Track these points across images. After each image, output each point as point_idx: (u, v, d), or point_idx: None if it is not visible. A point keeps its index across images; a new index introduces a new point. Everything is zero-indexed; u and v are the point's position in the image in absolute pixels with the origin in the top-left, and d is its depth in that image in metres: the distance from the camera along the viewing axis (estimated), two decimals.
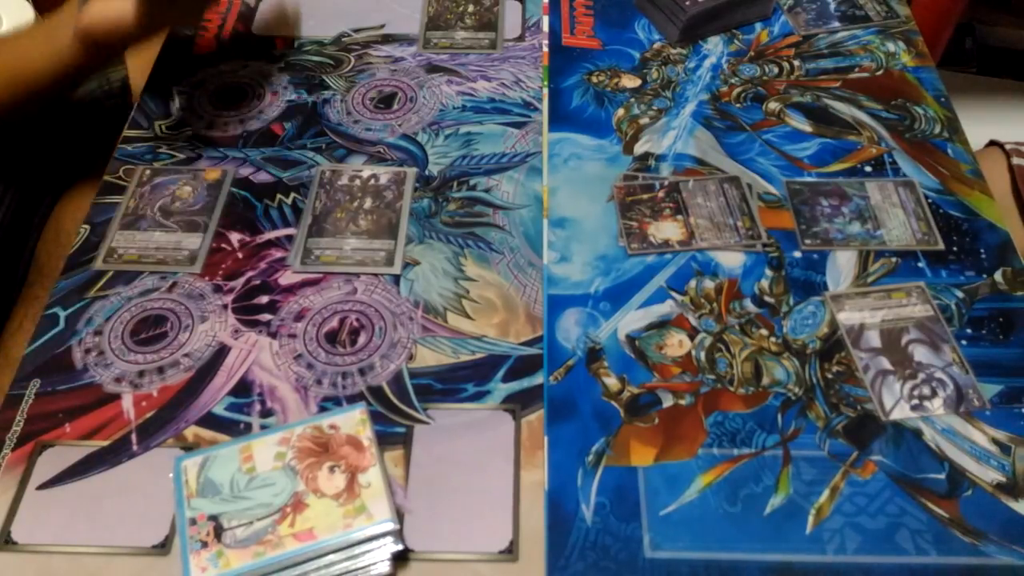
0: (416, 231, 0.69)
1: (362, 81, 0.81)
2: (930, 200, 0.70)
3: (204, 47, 0.85)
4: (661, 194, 0.71)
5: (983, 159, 0.83)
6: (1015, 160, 0.82)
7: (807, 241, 0.68)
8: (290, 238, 0.68)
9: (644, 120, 0.77)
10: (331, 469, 0.52)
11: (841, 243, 0.67)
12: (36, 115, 0.80)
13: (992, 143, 0.86)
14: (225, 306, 0.64)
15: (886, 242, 0.67)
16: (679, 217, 0.69)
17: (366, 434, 0.54)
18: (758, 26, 0.87)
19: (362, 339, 0.62)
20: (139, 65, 0.94)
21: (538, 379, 0.60)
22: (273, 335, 0.62)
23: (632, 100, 0.79)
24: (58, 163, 0.92)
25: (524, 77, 0.82)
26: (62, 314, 0.63)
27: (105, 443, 0.57)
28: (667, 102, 0.79)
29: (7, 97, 0.73)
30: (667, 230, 0.68)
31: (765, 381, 0.60)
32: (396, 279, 0.66)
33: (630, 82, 0.81)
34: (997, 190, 0.75)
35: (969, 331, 0.62)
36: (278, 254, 0.67)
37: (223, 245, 0.68)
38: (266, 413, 0.58)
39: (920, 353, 0.61)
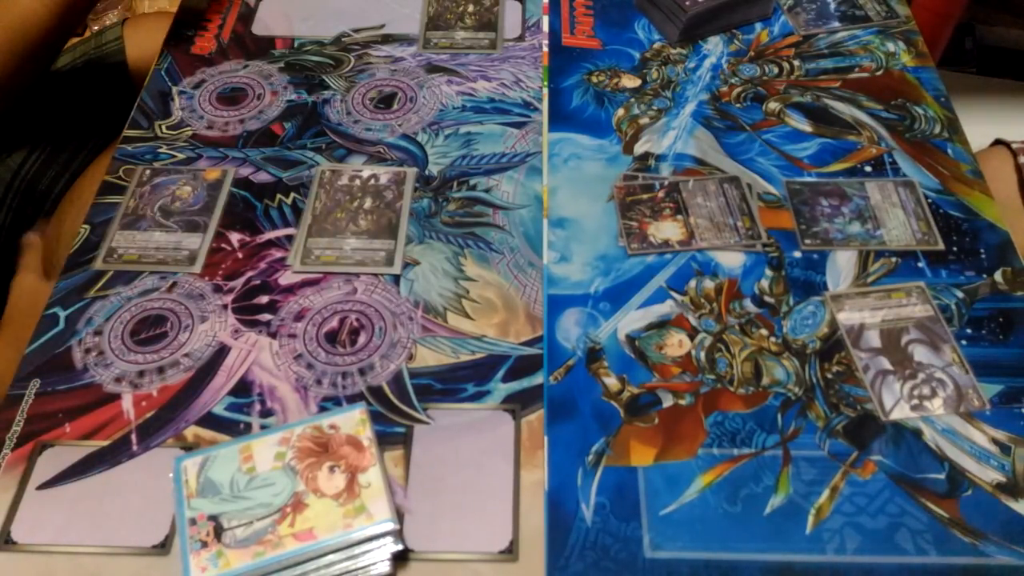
0: (416, 231, 0.69)
1: (362, 81, 0.81)
2: (930, 200, 0.70)
3: (204, 47, 0.85)
4: (661, 194, 0.71)
5: (989, 158, 0.83)
6: (1022, 159, 0.82)
7: (807, 241, 0.68)
8: (290, 238, 0.68)
9: (644, 120, 0.77)
10: (331, 469, 0.52)
11: (841, 243, 0.67)
12: (36, 81, 0.79)
13: (998, 142, 0.86)
14: (225, 306, 0.64)
15: (886, 242, 0.67)
16: (679, 217, 0.69)
17: (366, 434, 0.54)
18: (758, 26, 0.87)
19: (362, 339, 0.62)
20: (141, 65, 0.94)
21: (538, 379, 0.60)
22: (273, 335, 0.62)
23: (632, 100, 0.79)
24: (60, 165, 0.92)
25: (524, 77, 0.82)
26: (62, 314, 0.63)
27: (105, 443, 0.57)
28: (667, 102, 0.79)
29: (8, 56, 0.73)
30: (667, 230, 0.68)
31: (765, 381, 0.60)
32: (396, 279, 0.66)
33: (630, 82, 0.81)
34: (1004, 189, 0.75)
35: (969, 331, 0.62)
36: (278, 254, 0.67)
37: (223, 245, 0.68)
38: (266, 413, 0.58)
39: (920, 353, 0.61)
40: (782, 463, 0.56)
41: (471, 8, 0.89)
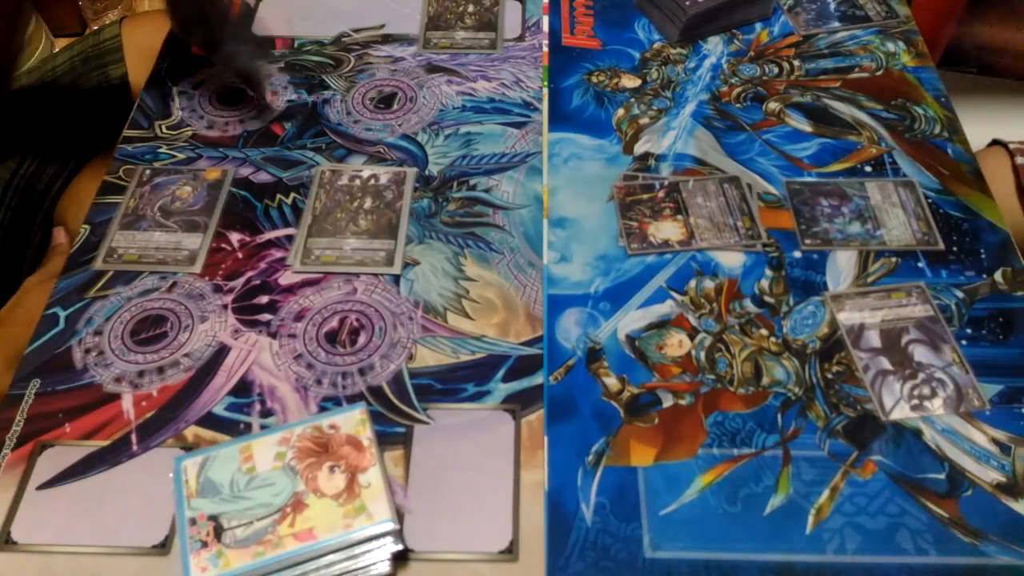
0: (416, 231, 0.69)
1: (362, 81, 0.81)
2: (930, 200, 0.70)
3: None
4: (661, 194, 0.71)
5: (986, 158, 0.82)
6: (1019, 160, 0.82)
7: (807, 241, 0.68)
8: (290, 238, 0.68)
9: (644, 120, 0.77)
10: (331, 469, 0.52)
11: (841, 243, 0.67)
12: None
13: (995, 142, 0.86)
14: (225, 306, 0.64)
15: (886, 242, 0.67)
16: (679, 217, 0.69)
17: (366, 434, 0.54)
18: (758, 26, 0.87)
19: (362, 339, 0.62)
20: (138, 63, 0.94)
21: (538, 379, 0.60)
22: (273, 335, 0.62)
23: (632, 100, 0.79)
24: (59, 163, 0.92)
25: (524, 77, 0.82)
26: (62, 314, 0.63)
27: (105, 443, 0.57)
28: (667, 102, 0.79)
29: None
30: (667, 230, 0.68)
31: (765, 381, 0.60)
32: (396, 279, 0.66)
33: (630, 82, 0.81)
34: (1001, 189, 0.75)
35: (969, 331, 0.62)
36: (278, 254, 0.67)
37: (223, 245, 0.68)
38: (266, 413, 0.58)
39: (920, 353, 0.61)
40: (782, 463, 0.56)
41: (471, 8, 0.89)
